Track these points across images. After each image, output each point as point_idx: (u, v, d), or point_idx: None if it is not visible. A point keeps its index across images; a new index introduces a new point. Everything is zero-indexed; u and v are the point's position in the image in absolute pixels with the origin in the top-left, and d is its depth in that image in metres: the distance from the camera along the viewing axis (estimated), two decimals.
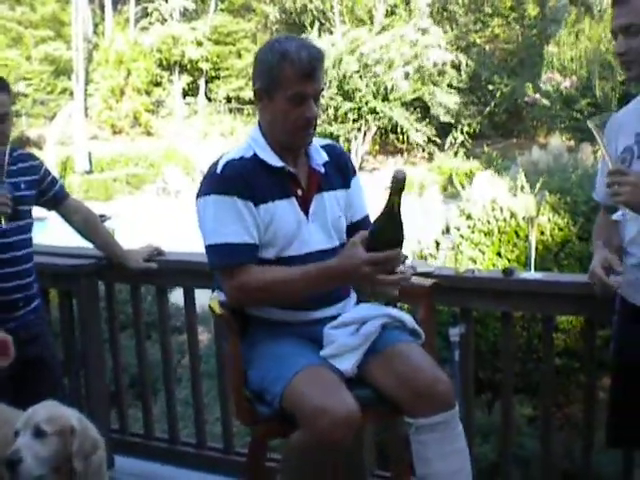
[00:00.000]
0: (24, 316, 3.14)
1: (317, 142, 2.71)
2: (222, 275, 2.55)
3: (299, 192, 2.61)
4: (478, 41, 32.69)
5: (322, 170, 2.66)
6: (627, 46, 2.36)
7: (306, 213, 2.61)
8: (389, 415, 2.69)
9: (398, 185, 2.34)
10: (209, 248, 2.54)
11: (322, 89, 2.58)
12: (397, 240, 2.37)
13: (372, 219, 2.57)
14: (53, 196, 3.32)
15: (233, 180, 2.52)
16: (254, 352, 2.58)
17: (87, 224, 3.46)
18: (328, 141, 2.83)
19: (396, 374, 2.51)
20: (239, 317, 2.59)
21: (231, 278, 2.50)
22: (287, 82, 2.48)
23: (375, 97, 27.94)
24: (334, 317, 2.66)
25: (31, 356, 3.09)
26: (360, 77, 27.42)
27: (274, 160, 2.57)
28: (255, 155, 2.58)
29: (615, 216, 2.56)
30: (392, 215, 2.35)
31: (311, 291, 2.52)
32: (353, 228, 2.72)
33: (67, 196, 3.41)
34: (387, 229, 2.37)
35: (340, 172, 2.74)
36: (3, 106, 3.03)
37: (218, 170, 2.55)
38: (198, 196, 2.59)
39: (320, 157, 2.67)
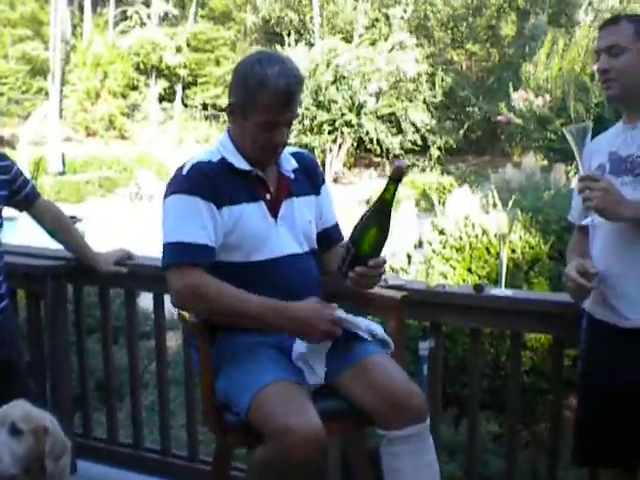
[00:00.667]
0: None
1: (286, 150, 2.71)
2: (172, 273, 2.51)
3: (267, 196, 2.62)
4: (455, 58, 32.89)
5: (292, 176, 2.68)
6: (609, 64, 2.43)
7: (275, 217, 2.60)
8: (360, 426, 2.69)
9: (398, 174, 2.45)
10: (165, 246, 2.53)
11: (296, 116, 2.60)
12: (384, 238, 2.49)
13: (344, 232, 2.59)
14: (24, 197, 3.28)
15: (197, 181, 2.52)
16: (222, 361, 2.56)
17: (58, 225, 3.42)
18: (297, 149, 2.86)
19: (370, 386, 2.51)
20: (209, 325, 2.57)
21: (181, 277, 2.47)
22: (261, 109, 2.50)
23: (351, 110, 27.99)
24: None
25: None
26: (336, 89, 27.46)
27: (242, 164, 2.58)
28: (223, 159, 2.59)
29: (585, 221, 2.60)
30: (385, 205, 2.48)
31: (259, 323, 2.49)
32: (323, 235, 2.74)
33: (38, 197, 3.37)
34: (376, 225, 2.47)
35: (309, 179, 2.76)
36: None
37: (184, 172, 2.56)
38: (164, 197, 2.59)
39: (289, 164, 2.69)
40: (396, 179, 2.46)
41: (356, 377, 2.55)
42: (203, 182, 2.52)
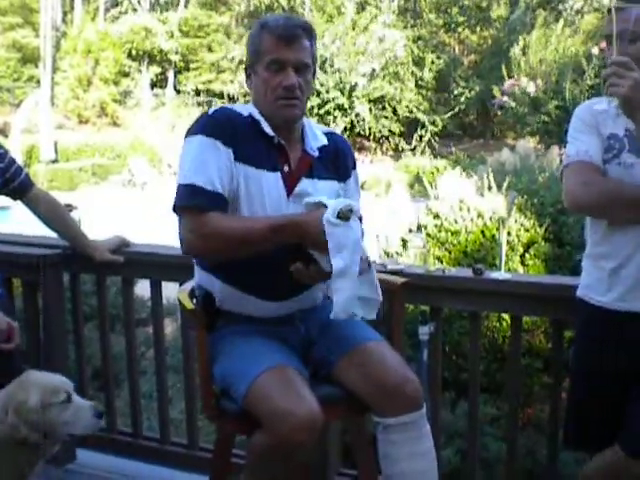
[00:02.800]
0: None
1: (319, 128, 2.67)
2: (184, 216, 2.45)
3: (285, 168, 2.53)
4: (447, 41, 32.84)
5: (315, 154, 2.60)
6: (624, 52, 2.32)
7: (288, 193, 2.52)
8: (356, 413, 2.68)
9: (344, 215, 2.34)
10: (179, 187, 2.45)
11: (307, 63, 2.52)
12: None
13: None
14: (18, 185, 3.26)
15: (220, 124, 2.46)
16: (221, 347, 2.55)
17: (53, 214, 3.40)
18: (331, 129, 2.78)
19: (365, 373, 2.50)
20: (210, 311, 2.56)
21: (192, 220, 2.41)
22: (265, 50, 2.47)
23: (342, 93, 27.94)
24: (303, 311, 2.64)
25: None
26: (325, 72, 27.40)
27: (265, 127, 2.51)
28: (251, 116, 2.53)
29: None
30: None
31: (269, 244, 2.41)
32: None
33: (32, 185, 3.35)
34: None
35: (336, 162, 2.67)
36: None
37: (210, 111, 2.51)
38: (187, 135, 2.52)
39: (317, 141, 2.62)
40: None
41: (351, 364, 2.55)
42: (226, 127, 2.46)
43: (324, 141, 2.64)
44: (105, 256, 3.46)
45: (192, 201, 2.41)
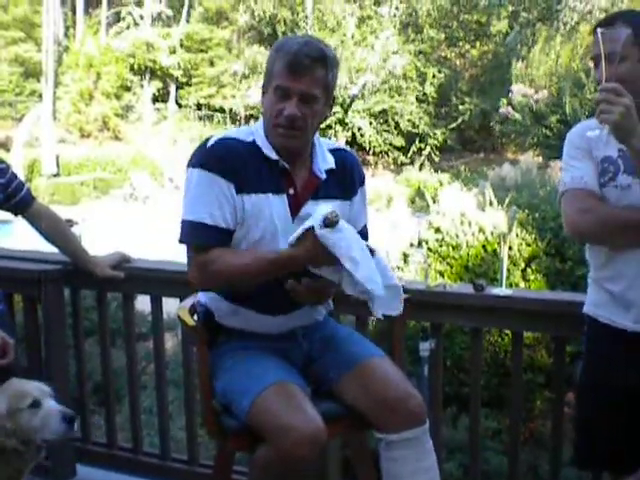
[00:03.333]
0: None
1: (327, 145, 2.64)
2: (190, 252, 2.51)
3: (291, 191, 2.52)
4: (449, 56, 32.91)
5: (323, 176, 2.57)
6: (609, 73, 2.29)
7: (293, 215, 2.51)
8: (358, 429, 2.67)
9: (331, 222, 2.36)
10: (183, 223, 2.48)
11: (314, 95, 2.44)
12: None
13: None
14: (19, 201, 3.25)
15: (219, 158, 2.44)
16: (222, 363, 2.55)
17: (54, 230, 3.39)
18: (339, 146, 2.74)
19: (367, 389, 2.50)
20: (211, 327, 2.55)
21: (197, 257, 2.46)
22: (275, 74, 2.45)
23: (342, 107, 27.99)
24: (305, 327, 2.64)
25: None
26: None
27: (269, 152, 2.49)
28: (254, 142, 2.51)
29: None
30: None
31: (269, 277, 2.46)
32: None
33: (34, 200, 3.34)
34: None
35: (344, 181, 2.64)
36: None
37: (208, 144, 2.48)
38: (187, 166, 2.52)
39: (325, 163, 2.58)
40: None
41: (353, 380, 2.54)
42: (226, 160, 2.44)
43: (332, 164, 2.60)
44: (106, 272, 3.45)
45: (194, 239, 2.47)
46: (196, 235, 2.45)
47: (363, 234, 2.64)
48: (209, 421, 2.55)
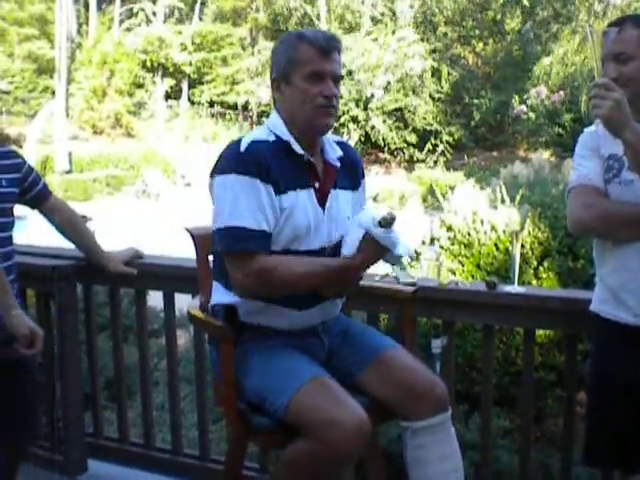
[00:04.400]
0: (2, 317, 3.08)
1: (330, 137, 2.66)
2: (234, 260, 2.43)
3: (317, 184, 2.54)
4: (462, 54, 32.88)
5: (337, 164, 2.61)
6: (617, 72, 2.41)
7: (322, 207, 2.54)
8: (383, 421, 2.68)
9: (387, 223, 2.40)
10: (224, 231, 2.42)
11: (341, 76, 2.54)
12: None
13: None
14: (36, 195, 3.25)
15: (257, 161, 2.41)
16: (251, 362, 2.52)
17: (70, 224, 3.40)
18: (340, 138, 2.77)
19: (393, 379, 2.52)
20: (234, 326, 2.53)
21: (248, 265, 2.39)
22: (304, 61, 2.45)
23: (357, 105, 27.98)
24: (324, 323, 2.65)
25: (9, 359, 3.04)
26: (343, 84, 27.45)
27: (296, 146, 2.50)
28: (278, 138, 2.51)
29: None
30: None
31: (326, 285, 2.51)
32: None
33: (50, 195, 3.34)
34: None
35: (350, 172, 2.68)
36: None
37: (242, 148, 2.44)
38: (216, 173, 2.48)
39: (334, 151, 2.62)
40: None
41: (376, 373, 2.56)
42: (262, 163, 2.42)
43: (339, 152, 2.64)
44: (119, 268, 3.47)
45: (242, 246, 2.41)
46: (244, 242, 2.40)
47: None
48: (235, 420, 2.52)
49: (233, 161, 2.44)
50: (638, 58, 2.41)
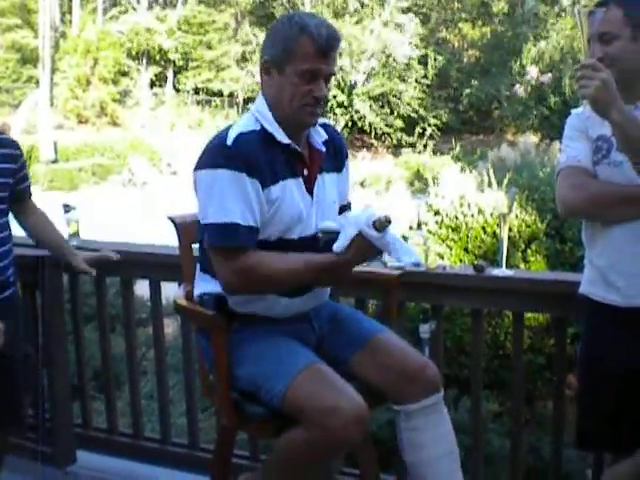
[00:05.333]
0: None
1: None
2: (221, 256, 2.40)
3: (305, 172, 2.52)
4: (448, 38, 32.84)
5: (323, 149, 2.58)
6: (602, 52, 2.40)
7: (310, 194, 2.52)
8: (375, 405, 2.67)
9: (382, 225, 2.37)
10: (211, 226, 2.39)
11: (334, 73, 2.48)
12: None
13: None
14: (21, 191, 3.20)
15: (244, 156, 2.38)
16: (243, 350, 2.50)
17: (44, 224, 3.35)
18: (323, 120, 2.71)
19: (384, 363, 2.51)
20: (225, 315, 2.50)
21: (233, 261, 2.37)
22: (302, 56, 2.39)
23: (343, 91, 27.94)
24: (314, 309, 2.63)
25: None
26: None
27: (281, 136, 2.47)
28: (263, 129, 2.47)
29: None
30: None
31: (311, 284, 2.50)
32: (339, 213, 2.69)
33: (30, 196, 3.31)
34: None
35: (335, 154, 2.66)
36: None
37: (229, 142, 2.39)
38: (201, 167, 2.43)
39: (320, 135, 2.59)
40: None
41: (367, 357, 2.55)
42: (249, 157, 2.38)
43: (324, 135, 2.61)
44: (80, 265, 3.38)
45: (228, 241, 2.38)
46: (230, 237, 2.37)
47: (348, 209, 2.73)
48: (227, 409, 2.50)
49: (220, 155, 2.40)
50: (622, 37, 2.40)
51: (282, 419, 2.32)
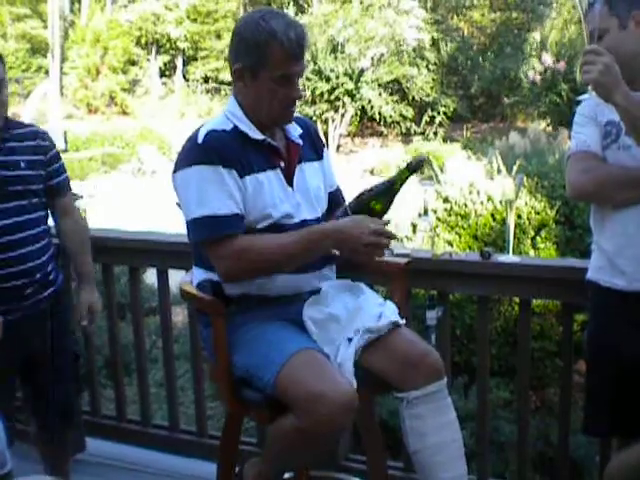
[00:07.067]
0: (33, 306, 2.96)
1: None
2: (211, 248, 2.43)
3: (282, 164, 2.55)
4: (458, 24, 32.68)
5: (300, 142, 2.63)
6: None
7: (290, 184, 2.55)
8: (376, 392, 2.68)
9: (417, 166, 2.39)
10: (195, 221, 2.42)
11: (305, 67, 2.53)
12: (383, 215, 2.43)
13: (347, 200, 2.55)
14: (55, 186, 3.11)
15: (216, 149, 2.42)
16: (238, 336, 2.51)
17: (72, 235, 3.20)
18: (296, 115, 2.74)
19: (387, 350, 2.50)
20: (221, 299, 2.52)
21: (223, 249, 2.39)
22: (275, 63, 2.42)
23: (351, 78, 27.82)
24: (311, 292, 2.62)
25: (34, 350, 3.00)
26: (335, 58, 27.27)
27: (254, 133, 2.51)
28: (235, 127, 2.51)
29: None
30: (392, 189, 2.44)
31: (308, 255, 2.46)
32: (329, 199, 2.71)
33: (68, 193, 3.20)
34: (382, 201, 2.43)
35: (312, 144, 2.71)
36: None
37: (199, 140, 2.45)
38: (177, 170, 2.49)
39: (295, 129, 2.64)
40: (413, 170, 2.42)
41: (369, 344, 2.52)
42: (222, 150, 2.43)
43: (299, 129, 2.66)
44: (83, 303, 3.18)
45: (214, 232, 2.40)
46: (215, 228, 2.40)
47: (338, 195, 2.76)
48: (227, 395, 2.52)
49: (192, 153, 2.46)
50: (611, 29, 2.47)
51: (277, 406, 2.33)
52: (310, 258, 2.48)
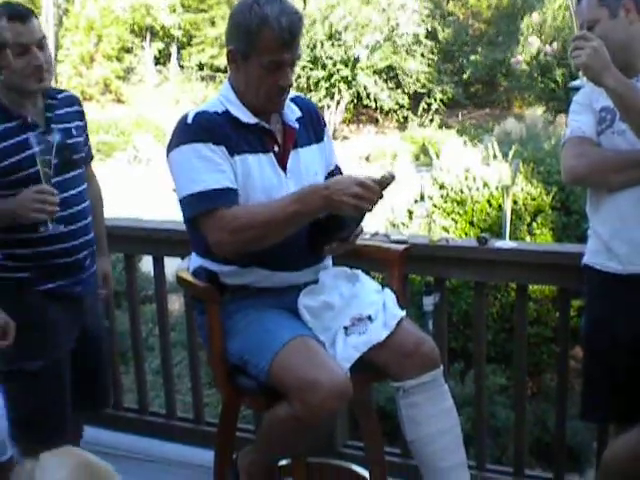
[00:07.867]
0: (89, 279, 2.88)
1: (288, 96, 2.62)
2: (204, 222, 2.40)
3: (275, 148, 2.53)
4: (453, 10, 32.60)
5: (296, 126, 2.59)
6: None
7: (283, 169, 2.52)
8: (373, 380, 2.68)
9: (384, 184, 2.30)
10: (187, 198, 2.41)
11: (299, 56, 2.48)
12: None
13: None
14: (88, 151, 3.10)
15: (204, 127, 2.42)
16: (233, 323, 2.50)
17: (97, 201, 3.13)
18: (296, 94, 2.73)
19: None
20: (216, 287, 2.51)
21: (216, 220, 2.37)
22: (264, 48, 2.39)
23: (347, 65, 27.76)
24: (307, 283, 2.61)
25: (87, 329, 2.90)
26: (332, 45, 27.22)
27: (247, 117, 2.49)
28: (227, 111, 2.49)
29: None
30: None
31: (298, 215, 2.35)
32: (326, 178, 2.67)
33: (90, 162, 3.19)
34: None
35: (312, 126, 2.67)
36: (38, 31, 2.80)
37: (189, 120, 2.46)
38: (169, 151, 2.49)
39: (293, 113, 2.60)
40: (382, 188, 2.31)
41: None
42: (210, 128, 2.42)
43: (298, 112, 2.62)
44: (104, 268, 3.12)
45: (205, 205, 2.38)
46: (207, 201, 2.38)
47: (337, 174, 2.71)
48: (223, 382, 2.52)
49: (182, 134, 2.47)
50: (600, 19, 2.49)
51: (272, 393, 2.33)
52: (300, 221, 2.39)
